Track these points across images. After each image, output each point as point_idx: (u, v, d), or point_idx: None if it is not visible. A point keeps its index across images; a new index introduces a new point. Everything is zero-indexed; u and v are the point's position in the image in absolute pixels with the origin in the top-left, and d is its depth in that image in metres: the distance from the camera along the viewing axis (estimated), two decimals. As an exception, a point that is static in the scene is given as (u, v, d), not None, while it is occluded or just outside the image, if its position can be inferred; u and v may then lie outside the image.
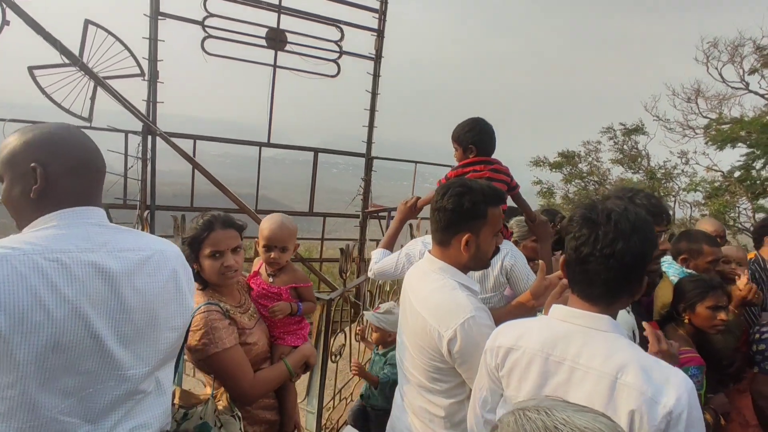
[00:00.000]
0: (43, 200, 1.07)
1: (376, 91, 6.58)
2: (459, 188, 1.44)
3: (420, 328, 1.45)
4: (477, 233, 1.43)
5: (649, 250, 1.10)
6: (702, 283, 2.01)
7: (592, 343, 1.09)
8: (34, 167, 1.05)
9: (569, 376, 1.10)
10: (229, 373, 1.55)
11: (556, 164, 14.03)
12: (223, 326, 1.56)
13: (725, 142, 10.74)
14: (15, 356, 0.92)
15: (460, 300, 1.39)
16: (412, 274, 1.62)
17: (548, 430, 0.72)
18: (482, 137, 2.14)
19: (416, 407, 1.54)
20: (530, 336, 1.18)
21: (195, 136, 5.98)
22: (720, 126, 11.36)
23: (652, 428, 0.99)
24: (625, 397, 1.02)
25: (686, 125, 12.69)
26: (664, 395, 1.00)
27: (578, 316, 1.14)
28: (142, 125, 5.27)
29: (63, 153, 1.09)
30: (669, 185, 12.77)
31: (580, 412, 0.77)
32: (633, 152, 13.30)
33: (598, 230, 1.09)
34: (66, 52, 4.61)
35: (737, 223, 11.00)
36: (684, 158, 12.53)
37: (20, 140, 1.09)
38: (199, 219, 1.65)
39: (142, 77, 5.27)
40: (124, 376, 1.07)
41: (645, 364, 1.05)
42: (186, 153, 5.56)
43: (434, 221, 1.50)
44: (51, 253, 0.99)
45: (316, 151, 6.83)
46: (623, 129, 13.27)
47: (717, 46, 11.76)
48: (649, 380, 1.02)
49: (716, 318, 1.95)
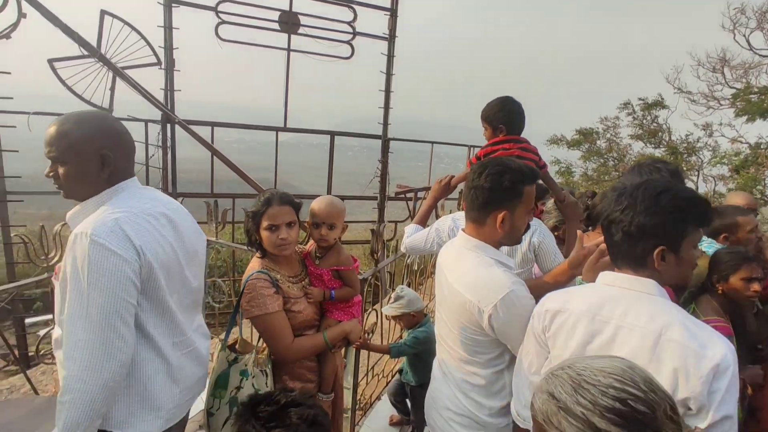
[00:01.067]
0: (110, 180, 1.41)
1: (391, 72, 6.53)
2: (498, 167, 1.46)
3: (458, 305, 1.49)
4: (513, 211, 1.47)
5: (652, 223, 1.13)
6: (737, 255, 2.01)
7: (638, 304, 1.13)
8: (105, 154, 1.37)
9: (614, 333, 1.13)
10: (269, 333, 1.75)
11: (574, 142, 13.75)
12: (268, 293, 1.72)
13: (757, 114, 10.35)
14: (158, 281, 1.37)
15: (498, 276, 1.43)
16: (447, 253, 1.65)
17: (573, 379, 0.81)
18: (511, 117, 2.16)
19: (457, 379, 1.59)
20: (577, 299, 1.23)
21: (213, 123, 6.04)
22: (747, 96, 10.95)
23: (700, 379, 1.01)
24: (669, 352, 1.05)
25: (711, 96, 12.28)
26: (710, 349, 1.03)
27: (625, 280, 1.18)
28: (161, 114, 5.35)
29: (122, 140, 1.43)
30: (692, 159, 12.44)
31: (598, 358, 0.86)
32: (653, 126, 12.95)
33: (625, 198, 1.17)
34: (84, 43, 4.68)
35: (764, 196, 10.70)
36: (708, 130, 12.16)
37: (82, 130, 1.35)
38: (261, 196, 1.81)
39: (159, 66, 5.33)
40: (191, 287, 1.56)
41: (689, 324, 1.08)
42: (205, 140, 5.63)
43: (471, 199, 1.52)
44: (143, 211, 1.38)
45: (332, 134, 6.84)
46: (642, 104, 12.89)
47: (744, 12, 11.29)
48: (693, 336, 1.05)
49: (749, 289, 1.95)
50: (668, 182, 1.20)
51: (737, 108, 11.02)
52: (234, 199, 5.73)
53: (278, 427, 1.14)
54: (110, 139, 1.39)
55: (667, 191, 1.14)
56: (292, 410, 1.16)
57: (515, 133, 2.19)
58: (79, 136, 1.34)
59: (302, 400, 1.21)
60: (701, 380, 1.01)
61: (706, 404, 1.02)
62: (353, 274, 2.01)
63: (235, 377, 1.71)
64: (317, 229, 1.91)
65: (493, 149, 2.15)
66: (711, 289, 2.03)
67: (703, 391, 1.01)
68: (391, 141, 6.89)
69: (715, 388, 1.01)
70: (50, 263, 2.39)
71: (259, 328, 1.77)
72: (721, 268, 2.01)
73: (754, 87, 11.19)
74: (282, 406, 1.18)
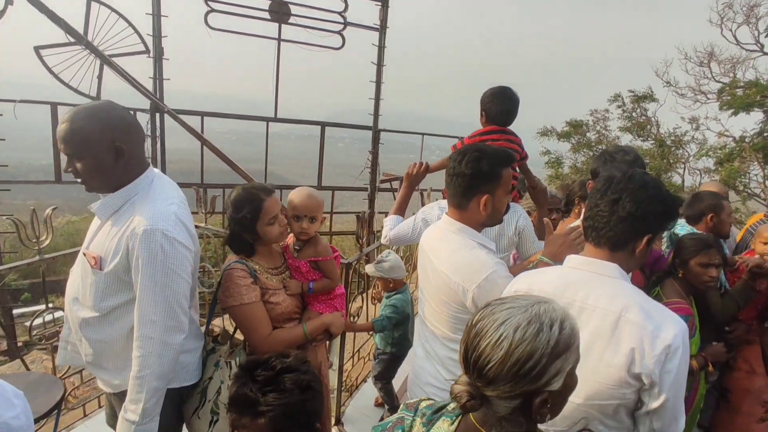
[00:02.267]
0: (127, 168, 1.47)
1: (382, 63, 6.52)
2: (475, 153, 1.53)
3: (443, 285, 1.56)
4: (493, 193, 1.54)
5: (653, 210, 1.19)
6: (698, 241, 2.10)
7: (600, 287, 1.21)
8: (119, 146, 1.42)
9: (578, 315, 1.19)
10: (245, 324, 1.74)
11: (564, 134, 13.85)
12: (244, 283, 1.70)
13: (741, 108, 10.50)
14: (194, 265, 1.55)
15: (482, 257, 1.51)
16: (431, 236, 1.71)
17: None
18: (503, 109, 2.26)
19: (441, 356, 1.66)
20: (544, 282, 1.30)
21: (202, 113, 6.01)
22: (734, 90, 11.09)
23: (653, 358, 1.10)
24: (627, 332, 1.13)
25: (698, 90, 12.42)
26: (664, 330, 1.11)
27: (589, 263, 1.25)
28: (149, 103, 5.30)
29: (133, 129, 1.48)
30: (679, 152, 12.60)
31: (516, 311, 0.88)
32: (642, 120, 13.08)
33: (612, 182, 1.24)
34: (71, 30, 4.61)
35: (747, 189, 10.89)
36: (695, 124, 12.32)
37: (94, 125, 1.39)
38: (238, 199, 1.75)
39: (147, 54, 5.27)
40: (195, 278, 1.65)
41: (646, 306, 1.17)
42: (194, 130, 5.61)
43: (453, 186, 1.58)
44: (182, 200, 1.55)
45: (323, 125, 6.83)
46: (632, 96, 13.01)
47: (732, 6, 11.40)
48: (650, 318, 1.13)
49: (707, 274, 2.04)
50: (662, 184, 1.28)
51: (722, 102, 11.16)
52: (224, 189, 5.72)
53: (274, 391, 1.19)
54: (122, 130, 1.43)
55: (666, 190, 1.23)
56: (286, 376, 1.21)
57: (505, 124, 2.29)
58: (92, 131, 1.38)
59: (297, 365, 1.26)
60: (654, 359, 1.10)
61: (657, 382, 1.11)
62: (332, 265, 1.98)
63: (210, 367, 1.69)
64: (298, 222, 1.89)
65: (481, 139, 2.24)
66: (674, 273, 2.13)
67: (655, 369, 1.10)
68: (382, 132, 6.90)
69: (667, 368, 1.10)
70: (41, 246, 2.39)
71: (235, 319, 1.75)
72: (682, 253, 2.11)
73: (740, 81, 11.34)
74: (277, 371, 1.22)
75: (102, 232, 1.51)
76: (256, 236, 1.78)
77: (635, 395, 1.17)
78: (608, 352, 1.15)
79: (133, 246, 1.40)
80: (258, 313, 1.72)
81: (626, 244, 1.22)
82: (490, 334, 0.82)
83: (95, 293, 1.49)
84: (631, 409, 1.20)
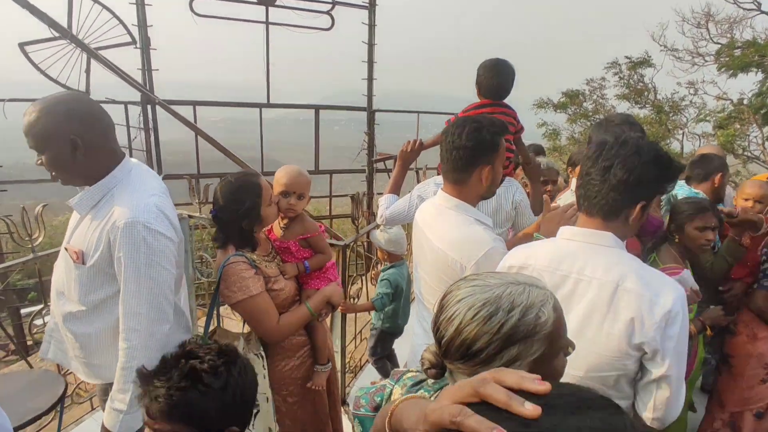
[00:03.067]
0: (96, 160, 1.45)
1: (373, 42, 6.42)
2: (474, 124, 1.50)
3: (441, 262, 1.54)
4: (493, 164, 1.52)
5: (647, 177, 1.14)
6: (694, 205, 2.08)
7: (595, 257, 1.18)
8: (74, 139, 1.37)
9: (574, 287, 1.19)
10: (256, 317, 1.71)
11: (560, 105, 13.70)
12: (249, 275, 1.67)
13: (738, 68, 10.35)
14: (179, 256, 1.55)
15: (479, 233, 1.49)
16: (426, 212, 1.68)
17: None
18: (496, 81, 2.23)
19: None
20: (538, 255, 1.27)
21: (194, 102, 5.94)
22: (732, 51, 10.92)
23: (654, 326, 1.08)
24: (625, 301, 1.12)
25: (696, 53, 12.22)
26: (662, 297, 1.09)
27: (583, 234, 1.23)
28: (140, 95, 5.24)
29: (95, 120, 1.44)
30: (677, 118, 12.48)
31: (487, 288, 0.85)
32: (639, 86, 12.92)
33: (604, 148, 1.18)
34: (54, 25, 4.53)
35: (746, 152, 10.83)
36: (692, 88, 12.16)
37: (48, 118, 1.36)
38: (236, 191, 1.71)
39: (134, 45, 5.19)
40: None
41: (643, 273, 1.15)
42: (187, 120, 5.55)
43: (453, 161, 1.53)
44: (163, 190, 1.55)
45: (317, 108, 6.76)
46: (629, 62, 12.81)
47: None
48: (647, 285, 1.11)
49: (703, 238, 2.03)
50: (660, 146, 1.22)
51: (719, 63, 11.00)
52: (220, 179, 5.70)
53: (159, 380, 1.10)
54: (82, 121, 1.39)
55: (664, 153, 1.17)
56: (190, 361, 1.12)
57: (498, 98, 2.27)
58: (46, 124, 1.35)
59: (198, 351, 1.15)
60: (654, 326, 1.08)
61: (660, 349, 1.10)
62: (321, 240, 1.98)
63: None
64: (286, 198, 1.87)
65: (475, 113, 2.19)
66: (670, 238, 2.11)
67: (656, 336, 1.09)
68: (377, 113, 6.84)
69: (669, 334, 1.09)
70: (35, 244, 2.39)
71: (244, 313, 1.71)
72: (678, 218, 2.09)
73: (738, 42, 11.16)
74: (174, 357, 1.14)
75: (82, 226, 1.50)
76: (258, 222, 1.75)
77: (636, 365, 1.16)
78: (607, 323, 1.14)
79: (114, 238, 1.40)
80: (266, 303, 1.71)
81: (619, 213, 1.18)
82: (447, 309, 0.82)
83: (80, 287, 1.50)
84: (632, 378, 1.20)
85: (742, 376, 2.23)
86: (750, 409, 2.20)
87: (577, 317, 1.18)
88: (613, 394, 1.21)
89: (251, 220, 1.73)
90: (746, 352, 2.23)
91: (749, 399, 2.21)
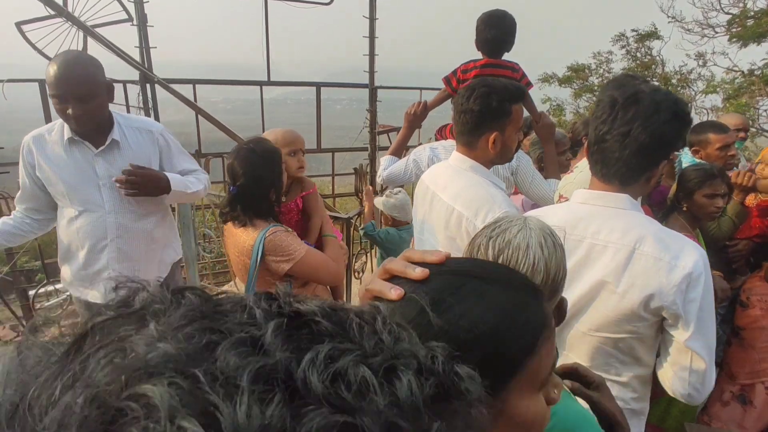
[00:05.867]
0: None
1: (374, 16, 6.25)
2: (484, 88, 1.46)
3: (453, 221, 1.51)
4: (503, 131, 1.49)
5: (670, 132, 1.08)
6: (701, 172, 2.03)
7: (611, 221, 1.13)
8: (109, 84, 1.82)
9: (588, 252, 1.15)
10: (315, 270, 1.74)
11: (565, 79, 13.43)
12: (291, 239, 1.68)
13: (751, 39, 10.06)
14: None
15: (497, 196, 1.47)
16: (439, 173, 1.65)
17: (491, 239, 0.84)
18: (492, 35, 2.16)
19: None
20: (551, 219, 1.22)
21: (194, 81, 5.85)
22: (744, 20, 10.61)
23: (674, 289, 1.03)
24: (642, 265, 1.06)
25: (706, 24, 11.90)
26: (682, 259, 1.04)
27: (598, 197, 1.18)
28: (138, 74, 5.15)
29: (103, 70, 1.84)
30: (685, 91, 12.23)
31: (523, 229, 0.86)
32: (646, 59, 12.63)
33: (619, 109, 1.10)
34: (49, 2, 4.43)
35: (756, 125, 10.63)
36: (701, 60, 11.88)
37: (96, 68, 1.75)
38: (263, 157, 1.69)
39: (131, 22, 5.07)
40: None
41: (661, 235, 1.09)
42: (187, 99, 5.47)
43: (461, 123, 1.53)
44: None
45: (318, 86, 6.65)
46: (636, 35, 12.50)
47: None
48: (666, 248, 1.06)
49: (712, 205, 1.98)
50: (674, 98, 1.11)
51: (731, 34, 10.71)
52: (223, 158, 5.64)
53: None
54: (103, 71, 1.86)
55: (681, 104, 1.10)
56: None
57: (496, 54, 2.20)
58: (96, 73, 1.76)
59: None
60: (674, 290, 1.03)
61: (682, 315, 1.04)
62: (314, 198, 2.04)
63: None
64: (294, 156, 1.96)
65: (475, 74, 2.20)
66: (678, 207, 2.07)
67: (676, 300, 1.03)
68: (379, 90, 6.72)
69: (691, 297, 1.04)
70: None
71: (304, 272, 1.72)
72: (686, 186, 2.04)
73: (751, 11, 10.83)
74: None
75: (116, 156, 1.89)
76: (281, 189, 1.78)
77: (650, 330, 1.11)
78: (622, 288, 1.09)
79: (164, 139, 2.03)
80: (316, 255, 1.75)
81: (640, 177, 1.13)
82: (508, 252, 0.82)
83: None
84: (650, 346, 1.15)
85: (754, 347, 2.22)
86: (762, 381, 2.19)
87: (588, 283, 1.14)
88: (629, 361, 1.17)
89: (278, 189, 1.73)
90: (758, 325, 2.21)
91: (761, 371, 2.20)
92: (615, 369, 1.17)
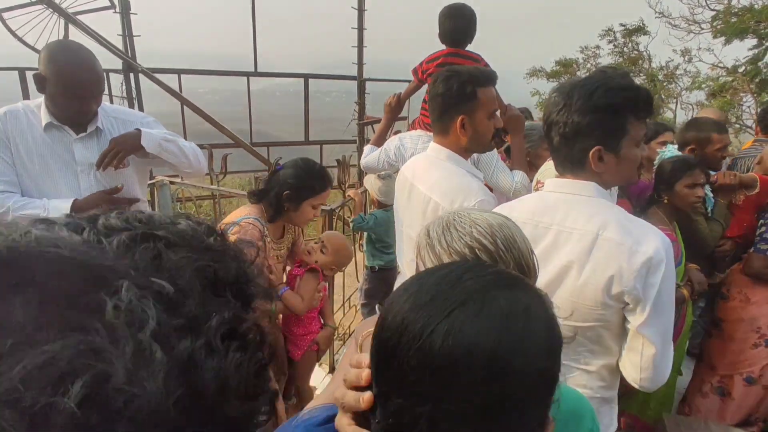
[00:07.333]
0: None
1: (363, 7, 6.19)
2: (447, 73, 1.51)
3: (430, 212, 1.53)
4: (471, 115, 1.50)
5: (588, 123, 1.12)
6: (680, 163, 2.05)
7: (577, 208, 1.16)
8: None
9: (555, 238, 1.16)
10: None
11: (553, 73, 13.51)
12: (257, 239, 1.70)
13: (734, 34, 10.19)
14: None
15: (471, 184, 1.50)
16: (417, 164, 1.67)
17: (447, 221, 0.88)
18: (453, 25, 2.25)
19: None
20: (521, 208, 1.26)
21: (179, 71, 5.74)
22: (728, 17, 10.73)
23: (633, 274, 1.05)
24: (605, 251, 1.08)
25: (692, 20, 12.02)
26: (643, 245, 1.06)
27: (565, 185, 1.20)
28: (121, 62, 5.05)
29: None
30: (671, 87, 12.37)
31: (484, 211, 0.92)
32: (633, 54, 12.74)
33: (562, 98, 1.16)
34: (28, -13, 4.30)
35: (740, 121, 10.80)
36: (687, 56, 12.02)
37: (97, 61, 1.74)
38: (321, 174, 1.87)
39: (113, 9, 4.96)
40: None
41: (625, 222, 1.12)
42: (172, 89, 5.38)
43: (430, 110, 1.57)
44: None
45: (306, 77, 6.58)
46: (623, 30, 12.60)
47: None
48: (628, 233, 1.08)
49: (693, 195, 2.00)
50: (605, 78, 1.14)
51: (715, 29, 10.83)
52: (211, 150, 5.57)
53: None
54: None
55: (601, 86, 1.10)
56: None
57: (458, 44, 2.29)
58: (100, 67, 1.77)
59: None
60: (634, 275, 1.05)
61: (641, 298, 1.06)
62: (308, 281, 2.00)
63: None
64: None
65: (438, 63, 2.30)
66: (658, 200, 2.09)
67: (636, 285, 1.05)
68: (368, 82, 6.67)
69: (650, 282, 1.05)
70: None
71: None
72: (665, 178, 2.05)
73: (735, 8, 10.96)
74: None
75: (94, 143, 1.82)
76: (295, 207, 1.83)
77: (615, 317, 1.13)
78: (585, 273, 1.11)
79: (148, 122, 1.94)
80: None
81: (584, 159, 1.15)
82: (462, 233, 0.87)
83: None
84: (616, 334, 1.17)
85: (733, 339, 2.26)
86: (740, 373, 2.24)
87: (555, 269, 1.16)
88: (597, 350, 1.18)
89: (290, 199, 1.79)
90: (738, 317, 2.25)
91: (739, 363, 2.24)
92: (584, 358, 1.19)
